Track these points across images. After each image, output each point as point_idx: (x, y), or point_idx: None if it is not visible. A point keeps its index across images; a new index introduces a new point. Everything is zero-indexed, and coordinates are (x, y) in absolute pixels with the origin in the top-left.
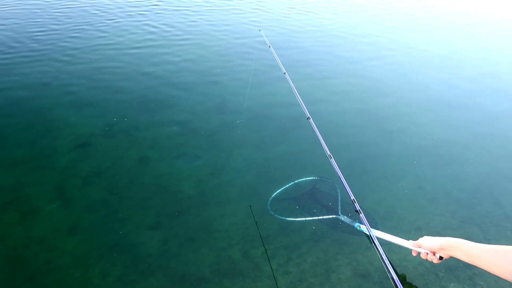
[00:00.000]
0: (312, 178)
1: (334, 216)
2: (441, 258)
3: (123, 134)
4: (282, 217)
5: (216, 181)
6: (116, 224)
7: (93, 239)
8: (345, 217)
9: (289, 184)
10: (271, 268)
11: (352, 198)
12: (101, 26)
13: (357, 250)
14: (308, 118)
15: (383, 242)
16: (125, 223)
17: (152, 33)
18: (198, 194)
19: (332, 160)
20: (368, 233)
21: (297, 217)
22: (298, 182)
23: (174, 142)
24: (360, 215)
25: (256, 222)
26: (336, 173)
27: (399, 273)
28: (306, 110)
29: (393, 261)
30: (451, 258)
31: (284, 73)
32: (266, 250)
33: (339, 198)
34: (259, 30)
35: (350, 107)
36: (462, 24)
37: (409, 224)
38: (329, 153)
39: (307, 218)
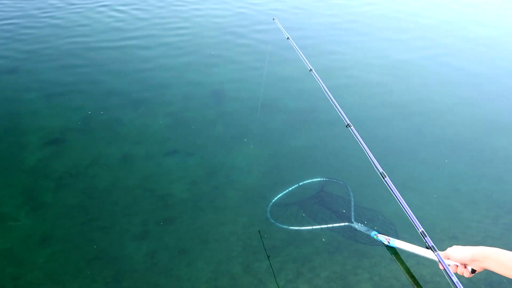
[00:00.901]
0: (319, 179)
1: (346, 223)
2: (473, 271)
3: (102, 128)
4: (284, 226)
5: (213, 183)
6: (95, 233)
7: (68, 251)
8: (360, 224)
9: (292, 187)
10: (278, 285)
11: (421, 231)
12: (76, 6)
13: (379, 263)
14: (347, 126)
15: (407, 253)
16: (106, 232)
17: (128, 13)
18: (192, 198)
19: (387, 179)
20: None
21: (303, 226)
22: (302, 184)
23: (162, 137)
24: (425, 238)
25: (259, 231)
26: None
27: None
28: (345, 116)
29: (423, 276)
30: (493, 272)
31: (310, 70)
32: (271, 263)
33: (352, 203)
34: (273, 18)
35: (380, 100)
36: (501, 12)
37: (442, 233)
38: (381, 170)
39: (314, 227)
